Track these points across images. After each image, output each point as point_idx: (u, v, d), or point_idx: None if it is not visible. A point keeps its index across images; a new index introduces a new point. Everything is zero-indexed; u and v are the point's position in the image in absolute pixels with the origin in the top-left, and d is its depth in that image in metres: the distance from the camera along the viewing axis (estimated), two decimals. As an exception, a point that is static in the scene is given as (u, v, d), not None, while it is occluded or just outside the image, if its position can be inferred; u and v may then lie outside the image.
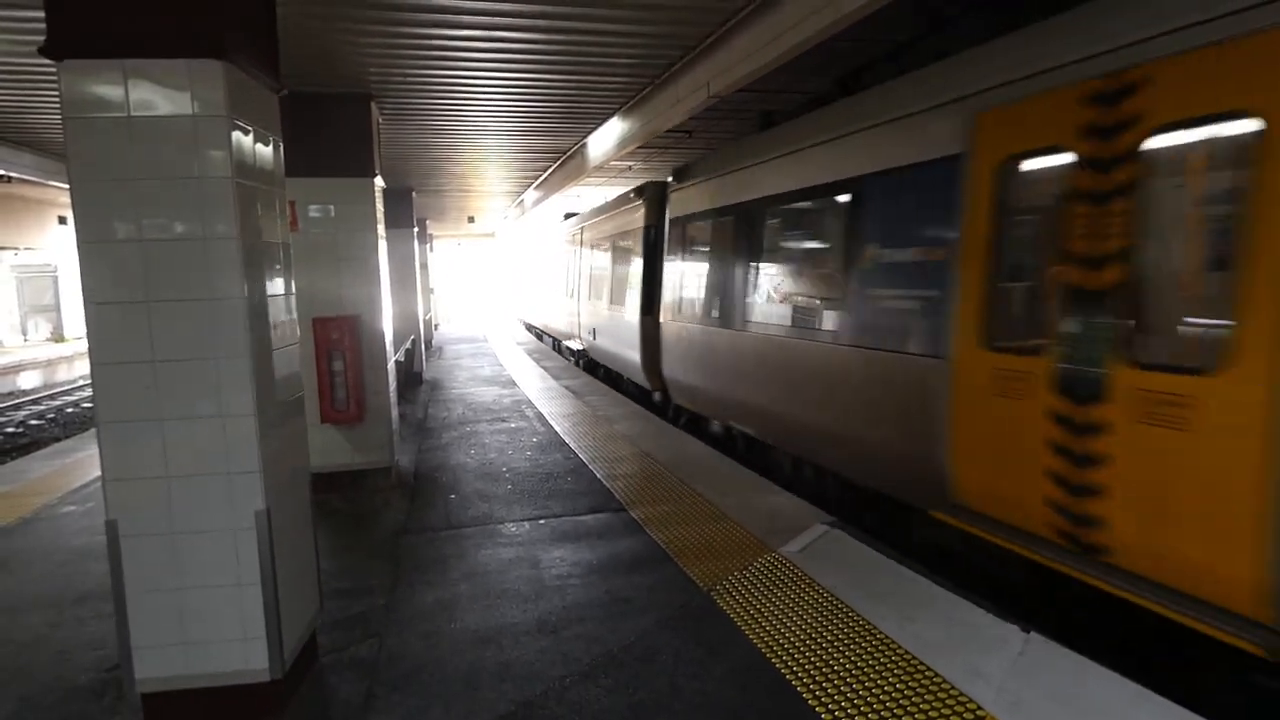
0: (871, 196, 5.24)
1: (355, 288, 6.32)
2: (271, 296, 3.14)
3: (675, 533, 5.16)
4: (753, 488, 6.19)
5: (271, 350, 3.11)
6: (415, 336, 13.23)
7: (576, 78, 6.37)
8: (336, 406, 6.29)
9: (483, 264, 38.68)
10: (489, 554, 4.90)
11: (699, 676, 3.33)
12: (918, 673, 3.27)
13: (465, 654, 3.61)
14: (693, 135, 9.94)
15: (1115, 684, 3.07)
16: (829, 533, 4.95)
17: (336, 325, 6.22)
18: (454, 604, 4.16)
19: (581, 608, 4.07)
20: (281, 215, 3.32)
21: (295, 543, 3.33)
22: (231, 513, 2.93)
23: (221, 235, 2.82)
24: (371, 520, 5.73)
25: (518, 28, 5.07)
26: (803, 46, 4.45)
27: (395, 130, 8.32)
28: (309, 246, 6.15)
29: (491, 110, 7.53)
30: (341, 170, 6.23)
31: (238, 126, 2.85)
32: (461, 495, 6.25)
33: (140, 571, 2.91)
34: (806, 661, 3.40)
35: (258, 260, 3.00)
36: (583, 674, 3.39)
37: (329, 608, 4.06)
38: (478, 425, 9.23)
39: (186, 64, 2.75)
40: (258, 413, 2.91)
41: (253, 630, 2.99)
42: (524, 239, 26.83)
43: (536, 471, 6.93)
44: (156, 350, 2.83)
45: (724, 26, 5.09)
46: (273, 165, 3.22)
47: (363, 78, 6.06)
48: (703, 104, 5.83)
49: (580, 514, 5.68)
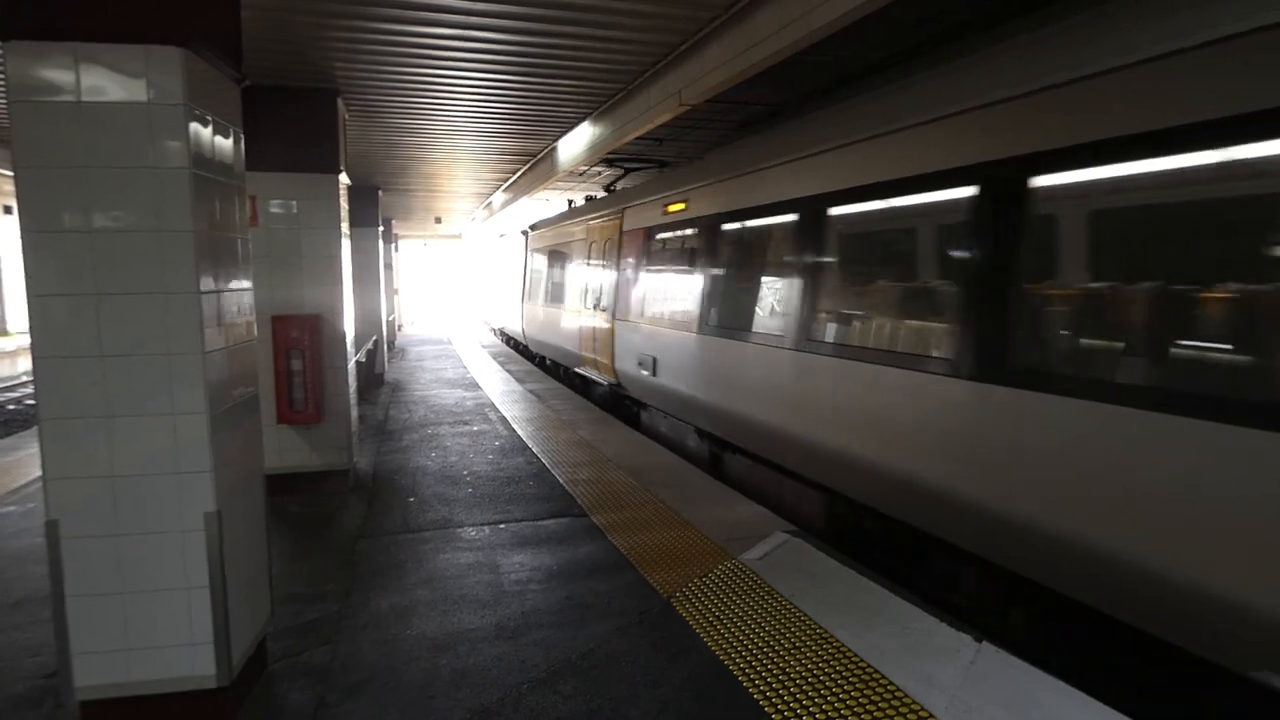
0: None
1: (316, 286, 6.20)
2: (227, 292, 3.06)
3: (637, 539, 5.15)
4: (715, 495, 6.20)
5: (226, 347, 3.04)
6: (378, 337, 13.05)
7: (548, 81, 6.35)
8: (294, 407, 6.16)
9: (449, 266, 38.34)
10: (448, 559, 4.83)
11: (658, 683, 3.31)
12: (873, 681, 3.29)
13: (421, 661, 3.54)
14: (663, 143, 9.99)
15: (1064, 693, 3.13)
16: (789, 541, 4.98)
17: (296, 324, 6.10)
18: (411, 610, 4.09)
19: (541, 613, 4.03)
20: (241, 209, 3.24)
21: (247, 546, 3.25)
22: (180, 514, 2.85)
23: (176, 228, 2.74)
24: (328, 523, 5.61)
25: (492, 28, 5.04)
26: (772, 60, 4.49)
27: (362, 127, 8.21)
28: (270, 243, 6.02)
29: (461, 110, 7.47)
30: (305, 166, 6.12)
31: (196, 116, 2.79)
32: (421, 498, 6.16)
33: (82, 574, 2.81)
34: (764, 669, 3.41)
35: (214, 255, 2.93)
36: (540, 680, 3.35)
37: (281, 613, 3.97)
38: (439, 428, 9.12)
39: (144, 50, 2.68)
40: (210, 411, 2.84)
41: (200, 635, 2.91)
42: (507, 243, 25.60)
43: (498, 475, 6.86)
44: (104, 345, 2.75)
45: (695, 36, 5.12)
46: (232, 158, 3.15)
47: (329, 72, 5.97)
48: (673, 112, 5.85)
49: (541, 519, 5.63)
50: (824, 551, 4.76)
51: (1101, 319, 3.36)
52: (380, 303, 13.64)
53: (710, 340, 7.11)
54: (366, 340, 12.10)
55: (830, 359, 5.20)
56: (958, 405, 3.95)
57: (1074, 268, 3.56)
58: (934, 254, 4.46)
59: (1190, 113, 2.93)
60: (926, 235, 4.53)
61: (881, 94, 5.04)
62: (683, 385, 7.84)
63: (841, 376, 5.05)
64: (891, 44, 6.25)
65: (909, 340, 4.46)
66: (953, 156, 4.10)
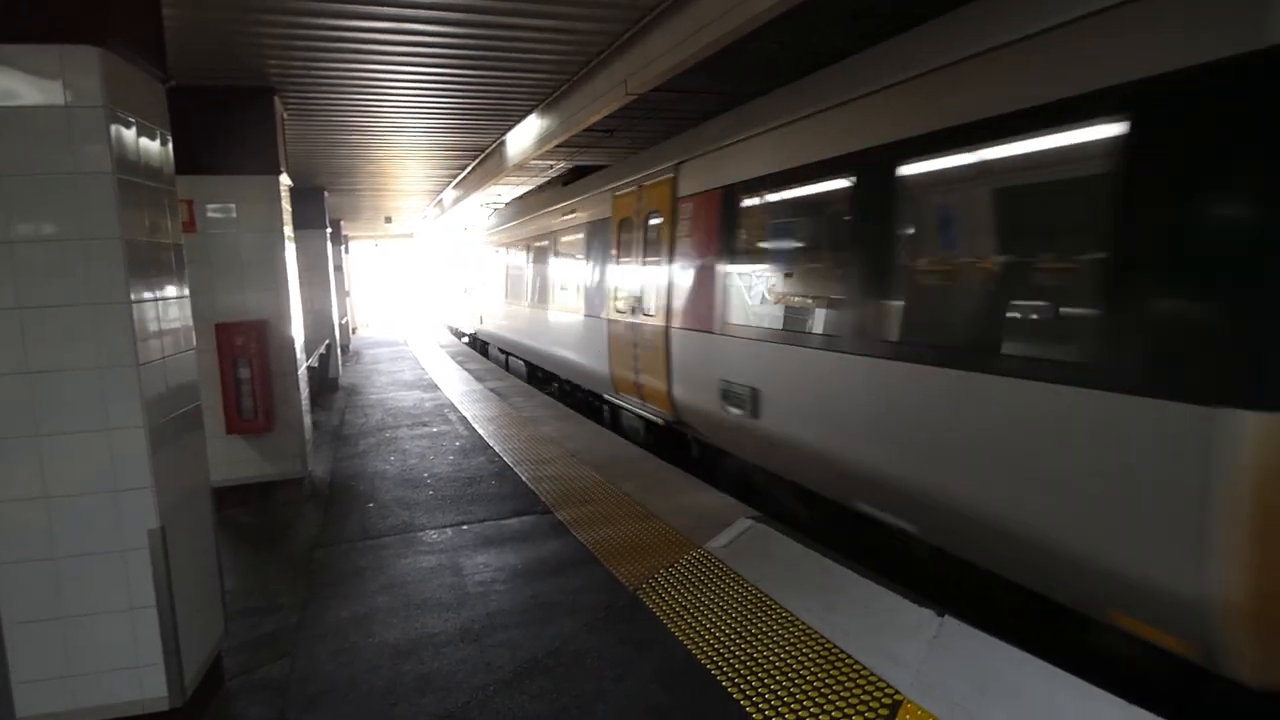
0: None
1: (261, 291, 6.03)
2: (162, 300, 2.95)
3: (601, 533, 5.12)
4: (679, 485, 6.20)
5: (164, 358, 2.93)
6: (330, 341, 12.78)
7: (492, 73, 6.25)
8: (243, 416, 5.99)
9: (403, 266, 37.71)
10: (409, 563, 4.75)
11: (626, 678, 3.30)
12: (839, 661, 3.33)
13: (383, 669, 3.47)
14: (614, 134, 9.92)
15: (1025, 663, 3.20)
16: (753, 527, 5.01)
17: (241, 331, 5.92)
18: (371, 617, 4.01)
19: (505, 614, 3.98)
20: (173, 214, 3.12)
21: (196, 561, 3.14)
22: (120, 533, 2.74)
23: (102, 235, 2.63)
24: (283, 534, 5.47)
25: (431, 20, 4.93)
26: (716, 45, 4.47)
27: (303, 126, 7.99)
28: (209, 248, 5.83)
29: (404, 106, 7.32)
30: (243, 168, 5.93)
31: (118, 118, 2.67)
32: (380, 503, 6.05)
33: (19, 600, 2.69)
34: (732, 656, 3.42)
35: (145, 262, 2.81)
36: (506, 682, 3.32)
37: (236, 628, 3.85)
38: (398, 431, 8.97)
39: (59, 50, 2.55)
40: (148, 425, 2.73)
41: (147, 657, 2.81)
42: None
43: (459, 476, 6.77)
44: (31, 360, 2.62)
45: (640, 23, 5.08)
46: (161, 161, 3.03)
47: (263, 70, 5.78)
48: (621, 102, 5.80)
49: (504, 518, 5.58)
50: (788, 535, 4.80)
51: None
52: (331, 305, 13.35)
53: (902, 370, 4.07)
54: (318, 345, 11.84)
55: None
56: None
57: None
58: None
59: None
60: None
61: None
62: (828, 440, 4.75)
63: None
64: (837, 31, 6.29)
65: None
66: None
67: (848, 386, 4.54)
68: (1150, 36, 2.90)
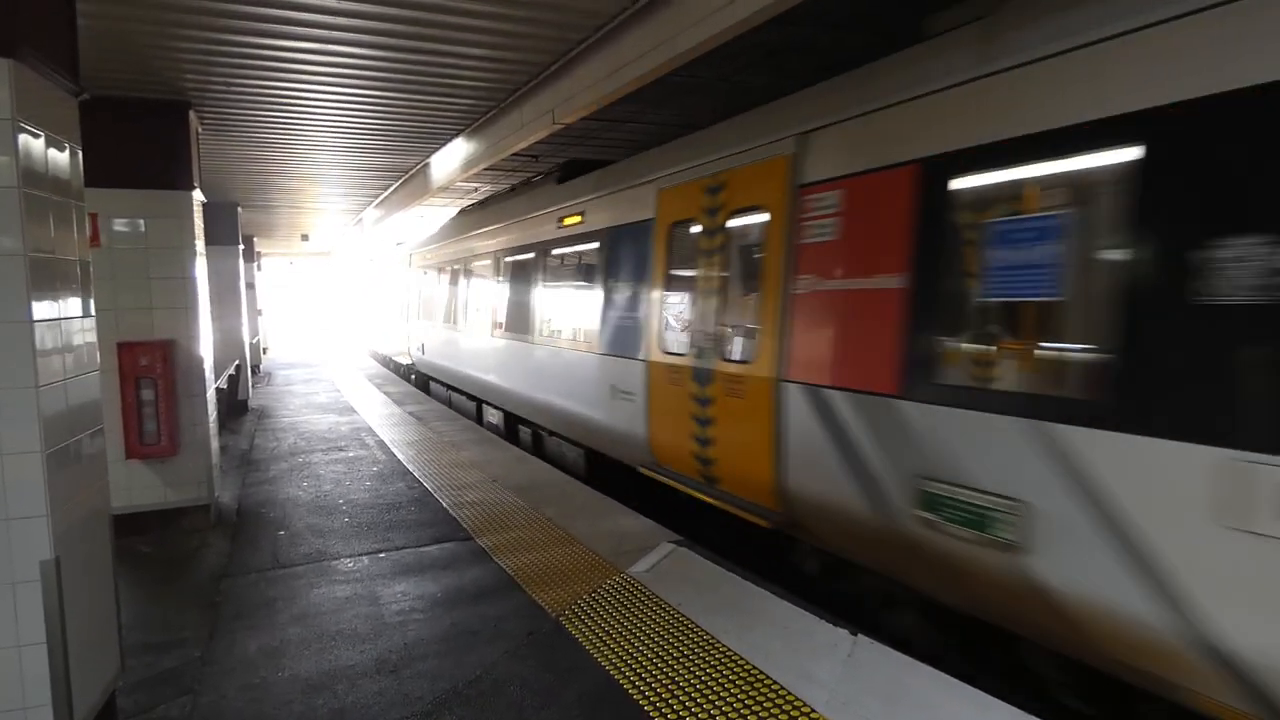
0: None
1: (169, 309, 5.78)
2: (64, 319, 2.82)
3: (524, 559, 5.09)
4: (602, 510, 6.23)
5: (65, 379, 2.79)
6: (240, 361, 12.28)
7: (416, 97, 6.22)
8: (145, 440, 5.70)
9: (320, 283, 36.54)
10: (323, 593, 4.61)
11: (548, 705, 3.29)
12: (757, 681, 3.41)
13: (294, 704, 3.36)
14: (540, 160, 9.98)
15: (934, 679, 3.36)
16: (675, 551, 5.07)
17: (146, 350, 5.65)
18: (282, 650, 3.86)
19: (425, 644, 3.91)
20: (79, 229, 3.00)
21: (92, 594, 2.98)
22: (10, 564, 2.58)
23: (4, 251, 2.50)
24: (186, 564, 5.22)
25: (354, 43, 4.89)
26: (640, 82, 4.60)
27: (218, 142, 7.74)
28: (115, 264, 5.57)
29: (325, 126, 7.19)
30: (154, 182, 5.70)
31: (25, 130, 2.56)
32: (292, 531, 5.84)
33: (-110, 640, 2.49)
34: (654, 680, 3.45)
35: (48, 279, 2.69)
36: (425, 713, 3.26)
37: (134, 665, 3.66)
38: (311, 456, 8.68)
39: (-36, 59, 2.44)
40: (44, 449, 2.60)
41: (35, 698, 2.64)
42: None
43: (377, 503, 6.60)
44: (-84, 381, 2.46)
45: (566, 57, 5.18)
46: (69, 174, 2.91)
47: (179, 85, 5.60)
48: (548, 129, 5.87)
49: (424, 545, 5.47)
50: (710, 559, 4.88)
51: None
52: (242, 325, 12.84)
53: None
54: (228, 365, 11.36)
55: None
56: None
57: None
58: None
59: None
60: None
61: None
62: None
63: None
64: (758, 70, 6.56)
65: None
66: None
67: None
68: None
